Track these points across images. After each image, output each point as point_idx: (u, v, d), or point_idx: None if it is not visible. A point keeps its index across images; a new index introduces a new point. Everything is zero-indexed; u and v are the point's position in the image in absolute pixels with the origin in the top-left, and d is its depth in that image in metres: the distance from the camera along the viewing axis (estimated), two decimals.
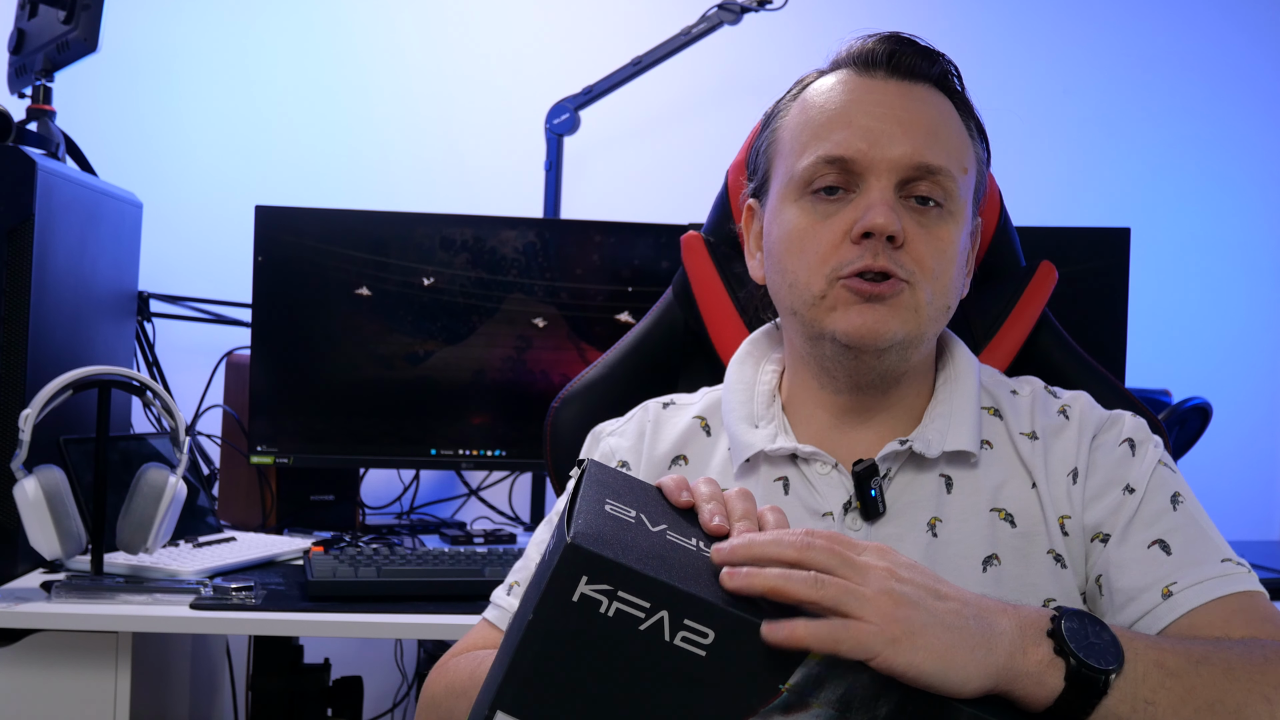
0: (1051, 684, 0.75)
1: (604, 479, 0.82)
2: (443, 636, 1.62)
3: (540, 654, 0.70)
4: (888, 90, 1.03)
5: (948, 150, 1.02)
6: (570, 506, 0.74)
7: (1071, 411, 1.07)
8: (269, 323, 1.98)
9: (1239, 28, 2.65)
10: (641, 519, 0.76)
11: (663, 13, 2.36)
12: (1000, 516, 1.02)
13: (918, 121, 1.01)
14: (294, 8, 2.46)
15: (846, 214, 1.00)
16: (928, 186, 1.01)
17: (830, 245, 1.01)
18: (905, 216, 1.00)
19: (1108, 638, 0.78)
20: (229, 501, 2.10)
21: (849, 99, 1.03)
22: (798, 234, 1.03)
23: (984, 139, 1.09)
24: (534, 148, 2.33)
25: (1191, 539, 0.99)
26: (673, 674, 0.70)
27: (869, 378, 1.04)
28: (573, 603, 0.69)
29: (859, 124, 1.01)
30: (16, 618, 1.51)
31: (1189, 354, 2.56)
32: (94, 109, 2.29)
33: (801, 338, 1.06)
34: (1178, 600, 0.95)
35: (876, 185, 1.00)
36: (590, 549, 0.69)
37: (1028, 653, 0.75)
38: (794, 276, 1.03)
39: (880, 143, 1.00)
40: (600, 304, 2.06)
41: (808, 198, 1.03)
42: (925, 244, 1.00)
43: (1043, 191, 2.51)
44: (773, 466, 1.07)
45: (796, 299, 1.03)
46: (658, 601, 0.69)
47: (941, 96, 1.05)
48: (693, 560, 0.74)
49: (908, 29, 1.08)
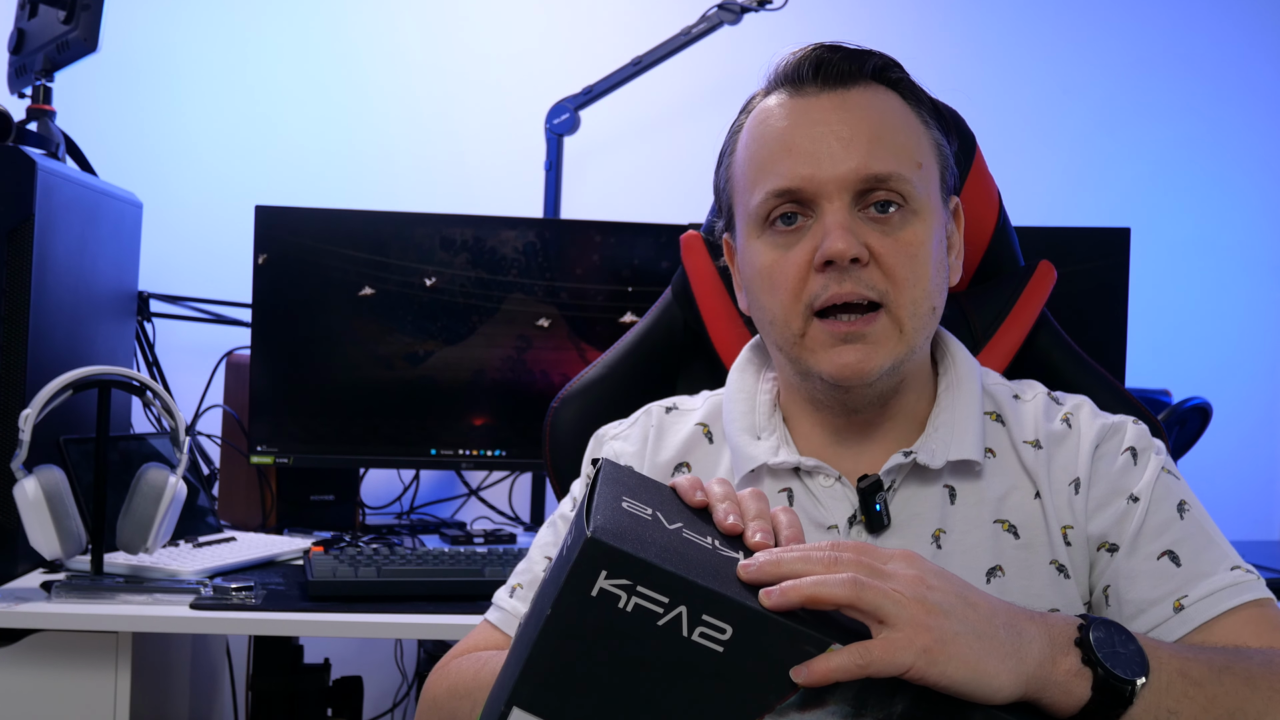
0: (1079, 693, 0.75)
1: (619, 477, 0.82)
2: (443, 636, 1.62)
3: (557, 649, 0.70)
4: (822, 106, 1.01)
5: (894, 151, 1.00)
6: (588, 503, 0.74)
7: (1074, 419, 1.06)
8: (269, 323, 1.98)
9: (1239, 28, 2.65)
10: (658, 516, 0.77)
11: (663, 13, 2.36)
12: (1004, 528, 1.02)
13: (858, 132, 0.99)
14: (294, 8, 2.46)
15: (806, 243, 0.99)
16: (884, 194, 0.99)
17: (797, 278, 0.99)
18: (867, 231, 0.99)
19: (1134, 648, 0.78)
20: (229, 501, 2.10)
21: (786, 125, 1.01)
22: (765, 270, 1.02)
23: (941, 120, 1.06)
24: (534, 148, 2.33)
25: (1200, 548, 0.98)
26: (690, 669, 0.70)
27: (863, 403, 1.04)
28: (591, 597, 0.69)
29: (800, 149, 0.99)
30: (16, 618, 1.51)
31: (1189, 354, 2.56)
32: (94, 109, 2.29)
33: (790, 371, 1.06)
34: (1189, 614, 0.95)
35: (830, 208, 0.98)
36: (611, 543, 0.69)
37: (1057, 662, 0.75)
38: (772, 314, 1.02)
39: (824, 164, 0.98)
40: (600, 304, 2.06)
41: (768, 232, 1.02)
42: (893, 255, 0.99)
43: (1043, 191, 2.51)
44: (776, 479, 1.06)
45: (779, 336, 1.03)
46: (676, 597, 0.69)
47: (883, 92, 1.03)
48: (709, 558, 0.74)
49: (906, 29, 1.08)
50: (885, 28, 2.36)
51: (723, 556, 0.75)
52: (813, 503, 1.04)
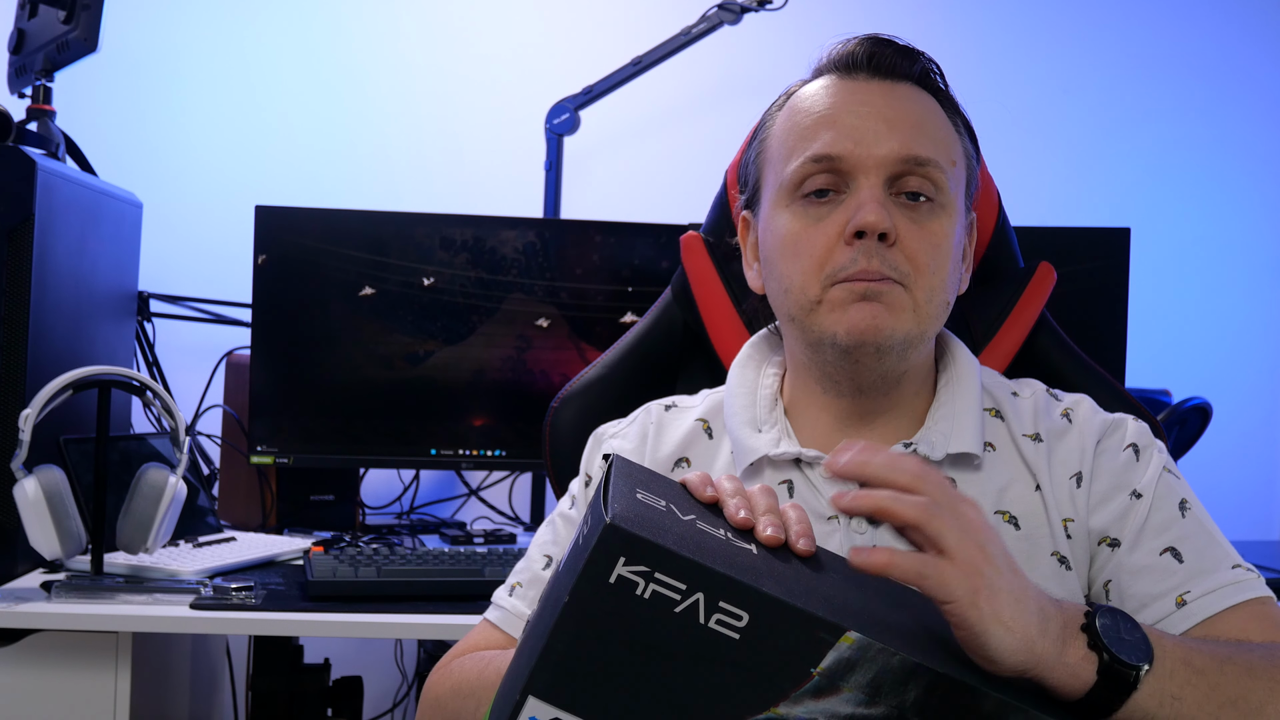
0: (1085, 677, 0.76)
1: (631, 472, 0.82)
2: (443, 636, 1.62)
3: (574, 637, 0.70)
4: (870, 90, 1.04)
5: (934, 143, 1.02)
6: (604, 494, 0.75)
7: (1074, 415, 1.07)
8: (269, 323, 1.98)
9: (1239, 28, 2.65)
10: (671, 508, 0.77)
11: (663, 13, 2.36)
12: (1004, 519, 1.03)
13: (903, 117, 1.02)
14: (294, 8, 2.46)
15: (838, 216, 1.01)
16: (917, 181, 1.01)
17: (824, 248, 1.01)
18: (897, 214, 1.00)
19: (1139, 635, 0.78)
20: (229, 501, 2.10)
21: (833, 101, 1.04)
22: (791, 238, 1.03)
23: (971, 135, 1.10)
24: (534, 148, 2.33)
25: (1202, 546, 0.99)
26: (706, 656, 0.70)
27: (870, 379, 1.04)
28: (609, 584, 0.69)
29: (844, 124, 1.02)
30: (16, 618, 1.51)
31: (1189, 354, 2.56)
32: (94, 109, 2.29)
33: (801, 344, 1.07)
34: (1191, 609, 0.96)
35: (866, 184, 1.00)
36: (629, 530, 0.69)
37: (1066, 645, 0.76)
38: (789, 281, 1.03)
39: (866, 141, 1.01)
40: (600, 304, 2.06)
41: (799, 202, 1.03)
42: (918, 240, 1.01)
43: (1043, 191, 2.51)
44: (776, 470, 1.07)
45: (793, 304, 1.04)
46: (694, 583, 0.69)
47: (924, 94, 1.06)
48: (724, 548, 0.74)
49: (906, 29, 1.08)
50: (885, 28, 2.36)
51: (737, 547, 0.76)
52: (813, 494, 1.05)
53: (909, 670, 0.72)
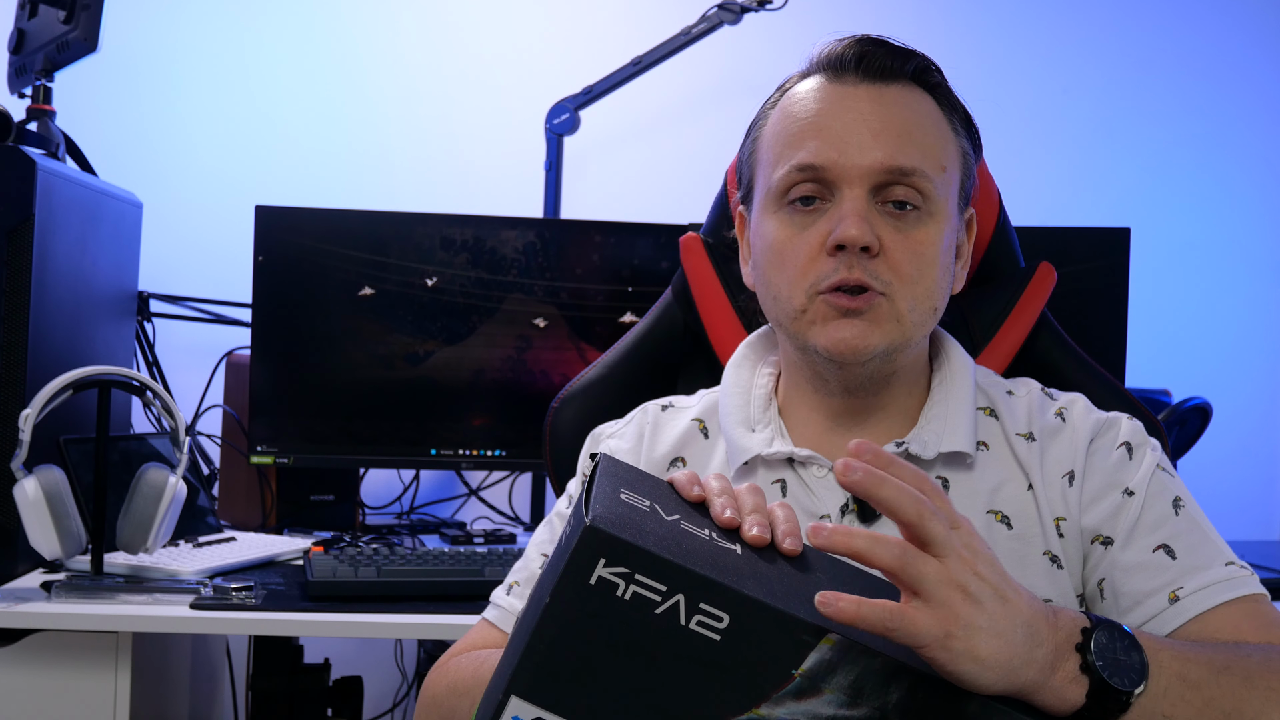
0: (1073, 700, 0.75)
1: (617, 471, 0.82)
2: (443, 636, 1.62)
3: (556, 637, 0.70)
4: (859, 96, 1.03)
5: (922, 150, 1.01)
6: (586, 494, 0.75)
7: (1068, 414, 1.07)
8: (269, 323, 1.98)
9: (1239, 28, 2.65)
10: (655, 509, 0.77)
11: (663, 13, 2.36)
12: (997, 519, 1.03)
13: (889, 126, 1.01)
14: (294, 8, 2.46)
15: (822, 225, 1.01)
16: (903, 190, 1.01)
17: (808, 258, 1.01)
18: (881, 224, 1.00)
19: (1136, 656, 0.77)
20: (229, 501, 2.10)
21: (820, 107, 1.03)
22: (777, 246, 1.03)
23: (970, 130, 1.08)
24: (534, 148, 2.33)
25: (1195, 543, 0.99)
26: (687, 658, 0.70)
27: (858, 381, 1.05)
28: (590, 585, 0.69)
29: (830, 132, 1.01)
30: (16, 618, 1.51)
31: (1189, 354, 2.56)
32: (94, 109, 2.29)
33: (791, 346, 1.08)
34: (1184, 605, 0.96)
35: (849, 194, 1.00)
36: (609, 531, 0.69)
37: (1056, 668, 0.75)
38: (776, 290, 1.04)
39: (850, 151, 1.00)
40: (600, 304, 2.06)
41: (785, 209, 1.03)
42: (903, 251, 1.00)
43: (1043, 191, 2.51)
44: (770, 470, 1.07)
45: (780, 312, 1.05)
46: (674, 585, 0.69)
47: (919, 94, 1.05)
48: (707, 548, 0.74)
49: (906, 29, 1.08)
50: (885, 28, 2.35)
51: (720, 548, 0.76)
52: (806, 493, 1.05)
53: (891, 671, 0.72)
